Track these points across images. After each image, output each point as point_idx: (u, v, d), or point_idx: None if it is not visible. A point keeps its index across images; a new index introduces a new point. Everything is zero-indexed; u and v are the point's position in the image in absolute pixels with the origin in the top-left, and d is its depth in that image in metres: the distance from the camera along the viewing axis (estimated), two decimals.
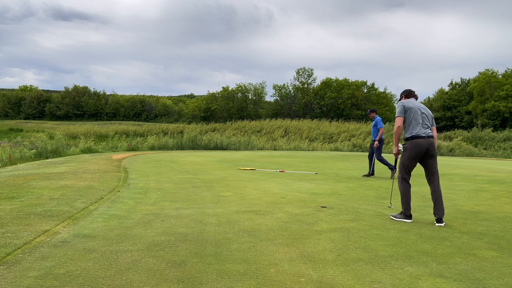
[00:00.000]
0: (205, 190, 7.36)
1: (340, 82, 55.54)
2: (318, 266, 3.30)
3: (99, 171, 9.43)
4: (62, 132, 31.48)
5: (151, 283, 2.90)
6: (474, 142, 34.44)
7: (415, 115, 4.98)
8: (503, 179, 9.24)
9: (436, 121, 51.59)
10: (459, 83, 53.37)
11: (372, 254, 3.62)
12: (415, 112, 4.99)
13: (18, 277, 2.93)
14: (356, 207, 5.83)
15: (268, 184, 8.39)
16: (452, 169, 11.58)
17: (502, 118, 44.39)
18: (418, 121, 4.96)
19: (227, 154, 19.04)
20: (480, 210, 5.68)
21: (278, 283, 2.94)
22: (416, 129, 4.92)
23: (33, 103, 73.08)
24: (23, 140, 24.75)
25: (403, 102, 5.11)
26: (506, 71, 47.97)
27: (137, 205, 5.76)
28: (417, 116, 4.97)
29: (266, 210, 5.56)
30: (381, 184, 8.49)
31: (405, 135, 5.13)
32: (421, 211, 5.58)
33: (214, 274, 3.10)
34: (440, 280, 3.03)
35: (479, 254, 3.66)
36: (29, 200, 5.69)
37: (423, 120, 4.99)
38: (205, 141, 24.53)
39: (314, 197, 6.67)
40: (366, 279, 3.03)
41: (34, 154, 17.29)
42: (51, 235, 4.01)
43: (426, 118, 5.03)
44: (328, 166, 12.68)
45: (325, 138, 35.01)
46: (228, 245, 3.84)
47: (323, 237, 4.17)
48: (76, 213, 5.03)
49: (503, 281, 3.03)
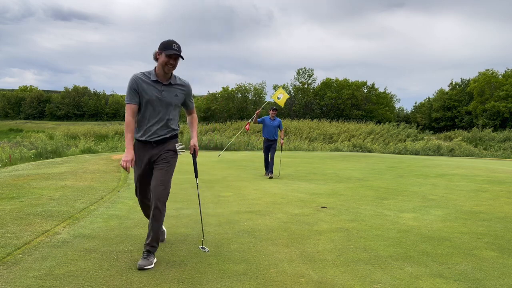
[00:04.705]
0: (205, 190, 7.36)
1: (340, 82, 55.50)
2: (318, 267, 3.29)
3: (99, 171, 9.43)
4: (62, 132, 31.46)
5: (151, 283, 2.90)
6: (474, 142, 34.43)
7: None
8: (503, 179, 9.24)
9: (436, 121, 51.74)
10: (459, 83, 53.38)
11: (372, 255, 3.62)
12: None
13: (18, 277, 2.93)
14: (356, 207, 5.82)
15: (268, 184, 8.39)
16: (452, 169, 11.57)
17: (502, 118, 44.38)
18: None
19: (227, 154, 19.04)
20: (480, 210, 5.67)
21: (278, 283, 2.94)
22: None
23: (33, 103, 73.02)
24: (23, 141, 24.74)
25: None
26: (506, 71, 47.97)
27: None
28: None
29: (266, 210, 5.56)
30: (381, 184, 8.49)
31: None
32: (421, 211, 5.58)
33: (214, 274, 3.10)
34: (440, 280, 3.03)
35: (479, 254, 3.66)
36: (29, 200, 5.69)
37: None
38: (205, 142, 24.53)
39: (314, 197, 6.67)
40: (366, 279, 3.03)
41: (34, 154, 17.29)
42: (51, 235, 4.01)
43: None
44: (328, 166, 12.68)
45: (325, 138, 35.00)
46: (228, 245, 3.84)
47: (323, 237, 4.17)
48: (76, 213, 5.03)
49: (503, 281, 3.02)
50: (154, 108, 3.44)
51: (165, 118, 3.48)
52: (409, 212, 5.51)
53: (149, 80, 3.42)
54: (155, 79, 3.41)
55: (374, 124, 41.51)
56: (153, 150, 3.49)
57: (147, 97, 3.40)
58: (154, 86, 3.42)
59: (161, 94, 3.43)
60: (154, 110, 3.43)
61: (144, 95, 3.41)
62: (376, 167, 12.45)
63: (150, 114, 3.44)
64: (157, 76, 3.43)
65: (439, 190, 7.64)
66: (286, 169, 11.39)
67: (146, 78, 3.43)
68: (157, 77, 3.43)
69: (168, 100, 3.46)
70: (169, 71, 3.39)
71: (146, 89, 3.39)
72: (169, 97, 3.46)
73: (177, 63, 3.40)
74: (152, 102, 3.42)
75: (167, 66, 3.35)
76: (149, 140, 3.47)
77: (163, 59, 3.33)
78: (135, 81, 3.40)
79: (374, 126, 39.25)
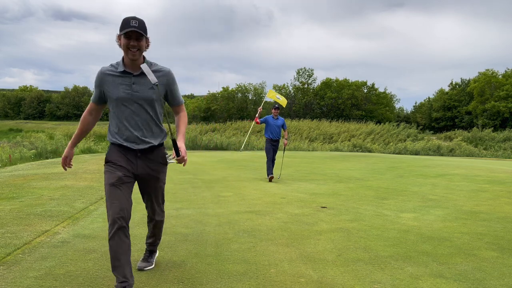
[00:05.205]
0: (205, 190, 7.36)
1: (340, 82, 55.52)
2: (318, 267, 3.29)
3: (99, 171, 9.43)
4: (62, 132, 31.44)
5: (151, 283, 2.90)
6: (474, 142, 34.42)
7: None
8: (503, 179, 9.24)
9: (436, 121, 51.74)
10: (459, 83, 53.41)
11: (372, 255, 3.62)
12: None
13: (18, 277, 2.93)
14: (356, 207, 5.82)
15: (268, 184, 8.39)
16: (452, 169, 11.57)
17: (502, 118, 44.39)
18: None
19: (227, 154, 19.04)
20: (480, 210, 5.67)
21: (278, 283, 2.94)
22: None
23: (33, 103, 73.06)
24: (22, 141, 24.71)
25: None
26: (506, 71, 48.00)
27: (137, 205, 5.74)
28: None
29: (266, 210, 5.56)
30: (381, 184, 8.49)
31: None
32: (421, 211, 5.58)
33: (214, 274, 3.10)
34: (440, 280, 3.03)
35: (479, 254, 3.66)
36: (29, 200, 5.69)
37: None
38: (205, 142, 24.55)
39: (314, 198, 6.67)
40: (366, 280, 3.03)
41: (34, 154, 17.28)
42: (51, 235, 4.01)
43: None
44: (328, 167, 12.68)
45: (325, 138, 34.99)
46: (228, 246, 3.84)
47: (323, 237, 4.17)
48: (76, 213, 5.03)
49: (503, 281, 3.02)
50: (127, 107, 2.69)
51: (147, 119, 2.74)
52: (409, 212, 5.51)
53: (116, 72, 2.70)
54: (122, 69, 2.69)
55: (374, 124, 41.51)
56: (138, 160, 2.77)
57: (115, 94, 2.68)
58: (122, 79, 2.69)
59: (132, 88, 2.68)
60: (127, 109, 2.69)
61: (110, 93, 2.70)
62: (376, 167, 12.45)
63: (126, 116, 2.70)
64: (125, 66, 2.71)
65: (439, 190, 7.64)
66: (286, 169, 11.38)
67: (112, 70, 2.72)
68: (125, 67, 2.70)
69: (142, 95, 2.69)
70: (134, 56, 2.63)
71: (112, 85, 2.69)
72: (143, 91, 2.69)
73: (143, 45, 2.65)
74: (123, 100, 2.68)
75: (130, 51, 2.62)
76: (131, 148, 2.74)
77: (123, 42, 2.62)
78: (98, 76, 2.75)
79: (374, 126, 39.24)
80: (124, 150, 2.75)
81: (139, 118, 2.72)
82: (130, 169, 2.75)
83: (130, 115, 2.71)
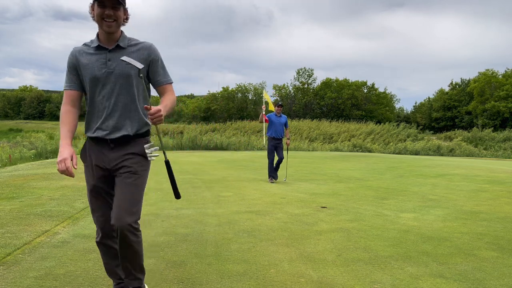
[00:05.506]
0: (205, 190, 7.37)
1: (340, 83, 55.57)
2: (318, 267, 3.29)
3: None
4: None
5: (151, 283, 2.90)
6: (474, 142, 34.43)
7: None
8: (504, 179, 9.24)
9: (436, 121, 51.76)
10: (459, 83, 53.46)
11: (372, 255, 3.61)
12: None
13: (18, 277, 2.93)
14: (356, 207, 5.82)
15: (268, 184, 8.40)
16: (452, 169, 11.57)
17: (502, 118, 44.42)
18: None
19: (227, 154, 19.04)
20: (480, 210, 5.67)
21: (278, 283, 2.94)
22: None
23: (33, 103, 73.07)
24: (22, 141, 24.73)
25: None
26: (506, 71, 48.05)
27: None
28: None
29: (266, 210, 5.56)
30: (381, 184, 8.49)
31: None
32: (421, 211, 5.58)
33: (214, 274, 3.10)
34: (440, 280, 3.03)
35: (479, 254, 3.66)
36: (29, 200, 5.69)
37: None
38: (205, 141, 24.56)
39: (314, 198, 6.67)
40: (366, 280, 3.03)
41: (34, 154, 17.30)
42: (51, 235, 4.01)
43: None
44: (328, 167, 12.68)
45: (325, 138, 35.01)
46: (228, 246, 3.84)
47: (323, 237, 4.17)
48: (76, 213, 5.03)
49: (503, 281, 3.02)
50: (103, 87, 2.34)
51: (123, 101, 2.36)
52: (409, 212, 5.51)
53: (90, 50, 2.36)
54: (97, 44, 2.35)
55: (374, 124, 41.54)
56: (111, 153, 2.38)
57: (90, 73, 2.33)
58: (97, 55, 2.34)
59: (107, 65, 2.32)
60: (104, 89, 2.34)
61: (85, 72, 2.34)
62: (376, 167, 12.45)
63: (101, 98, 2.35)
64: (99, 41, 2.36)
65: (439, 190, 7.64)
66: (287, 169, 11.37)
67: (87, 48, 2.38)
68: (99, 42, 2.36)
69: (119, 71, 2.32)
70: (109, 28, 2.27)
71: (86, 62, 2.34)
72: (120, 66, 2.32)
73: (120, 15, 2.29)
74: (98, 80, 2.33)
75: (105, 22, 2.26)
76: (103, 138, 2.37)
77: (96, 12, 2.26)
78: (72, 55, 2.38)
79: (374, 126, 39.27)
80: (97, 144, 2.40)
81: (114, 101, 2.35)
82: (102, 166, 2.40)
83: (105, 98, 2.35)
